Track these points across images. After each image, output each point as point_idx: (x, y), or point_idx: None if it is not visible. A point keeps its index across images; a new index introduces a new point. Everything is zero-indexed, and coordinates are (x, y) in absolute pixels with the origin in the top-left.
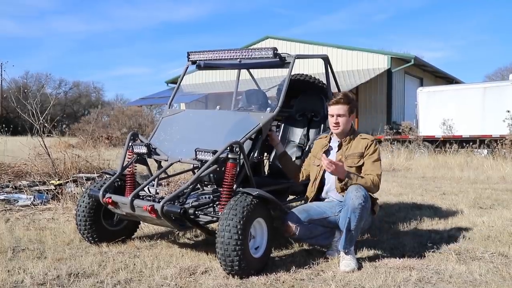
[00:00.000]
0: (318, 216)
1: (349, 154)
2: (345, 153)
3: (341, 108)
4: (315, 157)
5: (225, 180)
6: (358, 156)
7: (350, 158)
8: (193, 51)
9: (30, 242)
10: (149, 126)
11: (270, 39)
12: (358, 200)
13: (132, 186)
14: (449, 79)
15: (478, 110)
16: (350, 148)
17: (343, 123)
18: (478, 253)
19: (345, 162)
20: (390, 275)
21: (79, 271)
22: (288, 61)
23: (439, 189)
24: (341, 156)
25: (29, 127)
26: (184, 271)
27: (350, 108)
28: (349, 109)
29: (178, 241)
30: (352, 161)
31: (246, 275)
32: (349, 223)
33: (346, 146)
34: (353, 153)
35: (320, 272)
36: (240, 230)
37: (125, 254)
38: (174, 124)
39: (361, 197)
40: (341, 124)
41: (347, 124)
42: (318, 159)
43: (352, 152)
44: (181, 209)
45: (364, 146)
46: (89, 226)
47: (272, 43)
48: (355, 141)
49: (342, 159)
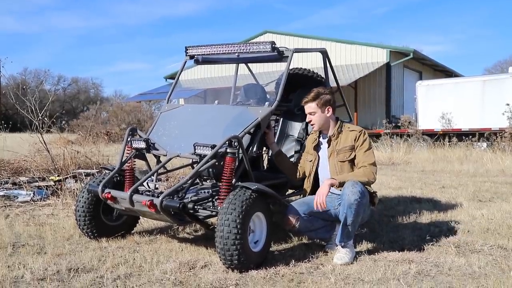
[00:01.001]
0: (317, 209)
1: (339, 149)
2: (335, 148)
3: (309, 106)
4: (308, 153)
5: (224, 175)
6: (349, 150)
7: (342, 152)
8: (191, 46)
9: (30, 238)
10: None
11: (269, 33)
12: (354, 196)
13: (131, 181)
14: (448, 72)
15: (478, 103)
16: (340, 142)
17: (317, 120)
18: (477, 245)
19: (337, 157)
20: (389, 268)
21: (79, 266)
22: (286, 55)
23: (438, 183)
24: (332, 152)
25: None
26: (183, 266)
27: (320, 103)
28: (319, 104)
29: (178, 236)
30: (344, 155)
31: (246, 269)
32: (346, 218)
33: (336, 141)
34: (344, 147)
35: (319, 265)
36: (239, 224)
37: (124, 249)
38: (173, 119)
39: (357, 192)
40: (314, 121)
41: (323, 119)
42: (311, 155)
43: (343, 146)
44: (180, 203)
45: (353, 138)
46: (88, 221)
47: (271, 37)
48: (344, 134)
49: (333, 155)
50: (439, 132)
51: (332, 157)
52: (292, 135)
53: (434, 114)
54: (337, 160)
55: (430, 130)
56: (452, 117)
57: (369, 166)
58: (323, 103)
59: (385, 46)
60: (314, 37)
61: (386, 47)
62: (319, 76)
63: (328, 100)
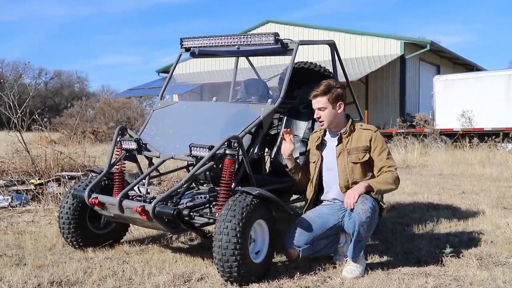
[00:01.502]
0: (320, 231)
1: (351, 148)
2: (346, 147)
3: (319, 101)
4: (311, 153)
5: (222, 178)
6: (362, 151)
7: (354, 152)
8: (186, 37)
9: (7, 248)
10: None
11: (271, 23)
12: (365, 214)
13: (121, 186)
14: (469, 66)
15: (502, 100)
16: (352, 141)
17: (326, 116)
18: (501, 258)
19: (348, 157)
20: (404, 282)
21: (62, 278)
22: (291, 48)
23: (458, 188)
24: (342, 151)
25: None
26: (178, 278)
27: (331, 98)
28: (330, 99)
29: (171, 246)
30: (357, 156)
31: (246, 282)
32: (358, 235)
33: (347, 139)
34: (356, 147)
35: (326, 278)
36: (239, 233)
37: (113, 260)
38: (167, 117)
39: (368, 210)
40: (323, 118)
41: (333, 116)
42: (313, 155)
43: (355, 146)
44: (174, 210)
45: (368, 139)
46: (73, 229)
47: (274, 28)
48: (356, 133)
49: (343, 154)
50: (459, 132)
51: (341, 156)
52: (297, 135)
53: (453, 112)
54: (349, 161)
55: (448, 130)
56: (474, 116)
57: (395, 171)
58: (334, 97)
59: (399, 37)
60: (320, 28)
61: (400, 38)
62: (327, 70)
63: (340, 94)
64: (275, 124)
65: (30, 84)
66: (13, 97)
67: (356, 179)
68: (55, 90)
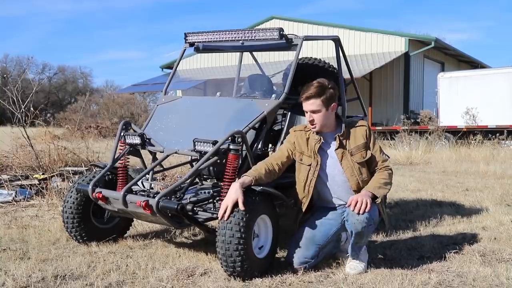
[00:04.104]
0: (324, 241)
1: (352, 148)
2: (347, 148)
3: (312, 103)
4: (302, 153)
5: (226, 174)
6: (363, 148)
7: (357, 152)
8: (191, 32)
9: (12, 242)
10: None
11: (276, 19)
12: (361, 225)
13: (125, 180)
14: (474, 63)
15: (506, 98)
16: (350, 140)
17: (320, 119)
18: (505, 254)
19: (352, 158)
20: (407, 278)
21: (66, 272)
22: (295, 43)
23: (461, 185)
24: (344, 153)
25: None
26: (181, 273)
27: (326, 100)
28: (324, 101)
29: (175, 240)
30: (361, 155)
31: (249, 277)
32: (355, 241)
33: (345, 140)
34: (357, 146)
35: (330, 274)
36: (242, 228)
37: (116, 254)
38: (170, 113)
39: (363, 220)
40: (317, 121)
41: (326, 118)
42: (308, 157)
43: (356, 145)
44: (178, 205)
45: (364, 135)
46: (77, 223)
47: (278, 23)
48: (352, 132)
49: (346, 156)
50: (463, 129)
51: (345, 159)
52: None
53: (457, 109)
54: (354, 162)
55: (453, 127)
56: (478, 113)
57: (388, 167)
58: (329, 99)
59: (404, 34)
60: (325, 24)
61: (405, 35)
62: (331, 66)
63: (334, 95)
64: (279, 120)
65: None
66: (17, 92)
67: (364, 179)
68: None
